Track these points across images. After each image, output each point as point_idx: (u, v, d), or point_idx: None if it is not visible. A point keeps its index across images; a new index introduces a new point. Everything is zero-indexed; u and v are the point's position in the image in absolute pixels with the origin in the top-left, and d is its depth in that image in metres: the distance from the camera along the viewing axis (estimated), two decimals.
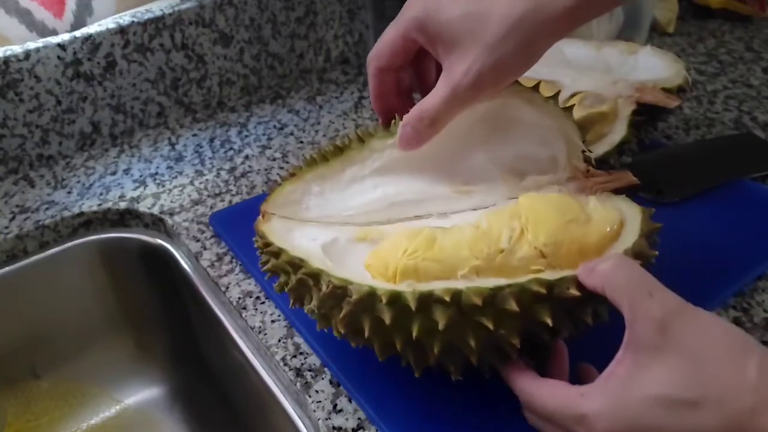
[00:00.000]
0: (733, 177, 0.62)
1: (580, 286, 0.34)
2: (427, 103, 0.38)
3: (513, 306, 0.33)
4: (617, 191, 0.41)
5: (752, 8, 0.96)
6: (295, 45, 0.85)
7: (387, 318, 0.34)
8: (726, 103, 0.77)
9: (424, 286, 0.34)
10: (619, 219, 0.38)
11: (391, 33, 0.39)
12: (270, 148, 0.73)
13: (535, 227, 0.36)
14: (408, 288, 0.34)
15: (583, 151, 0.42)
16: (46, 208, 0.65)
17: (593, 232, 0.36)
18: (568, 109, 0.42)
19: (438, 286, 0.34)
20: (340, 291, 0.35)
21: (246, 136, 0.76)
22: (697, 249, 0.53)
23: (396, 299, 0.34)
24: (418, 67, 0.44)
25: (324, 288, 0.36)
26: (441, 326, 0.33)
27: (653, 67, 0.64)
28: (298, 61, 0.87)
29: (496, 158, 0.43)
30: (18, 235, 0.62)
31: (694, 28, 0.97)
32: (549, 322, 0.34)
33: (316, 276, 0.36)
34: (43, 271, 0.63)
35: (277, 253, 0.39)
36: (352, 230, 0.41)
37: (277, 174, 0.68)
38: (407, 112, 0.39)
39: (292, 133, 0.76)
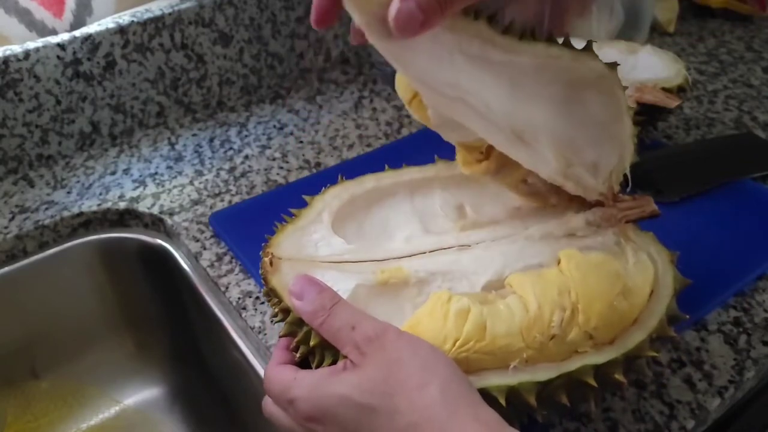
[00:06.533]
0: (733, 177, 0.62)
1: (625, 371, 0.36)
2: None
3: (564, 399, 0.35)
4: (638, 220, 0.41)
5: (753, 8, 0.96)
6: (295, 45, 0.85)
7: None
8: (726, 103, 0.77)
9: (476, 382, 0.34)
10: (653, 277, 0.38)
11: None
12: (270, 147, 0.73)
13: (587, 308, 0.35)
14: None
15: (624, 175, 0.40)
16: (46, 208, 0.65)
17: (636, 306, 0.37)
18: (636, 129, 0.40)
19: (491, 383, 0.34)
20: None
21: (246, 135, 0.76)
22: (697, 249, 0.53)
23: None
24: None
25: None
26: None
27: (653, 67, 0.64)
28: (298, 61, 0.86)
29: (554, 126, 0.39)
30: (17, 235, 0.62)
31: (695, 27, 0.97)
32: (593, 405, 0.37)
33: None
34: (43, 272, 0.63)
35: (299, 322, 0.36)
36: (370, 269, 0.40)
37: (277, 174, 0.68)
38: None
39: (291, 133, 0.76)
